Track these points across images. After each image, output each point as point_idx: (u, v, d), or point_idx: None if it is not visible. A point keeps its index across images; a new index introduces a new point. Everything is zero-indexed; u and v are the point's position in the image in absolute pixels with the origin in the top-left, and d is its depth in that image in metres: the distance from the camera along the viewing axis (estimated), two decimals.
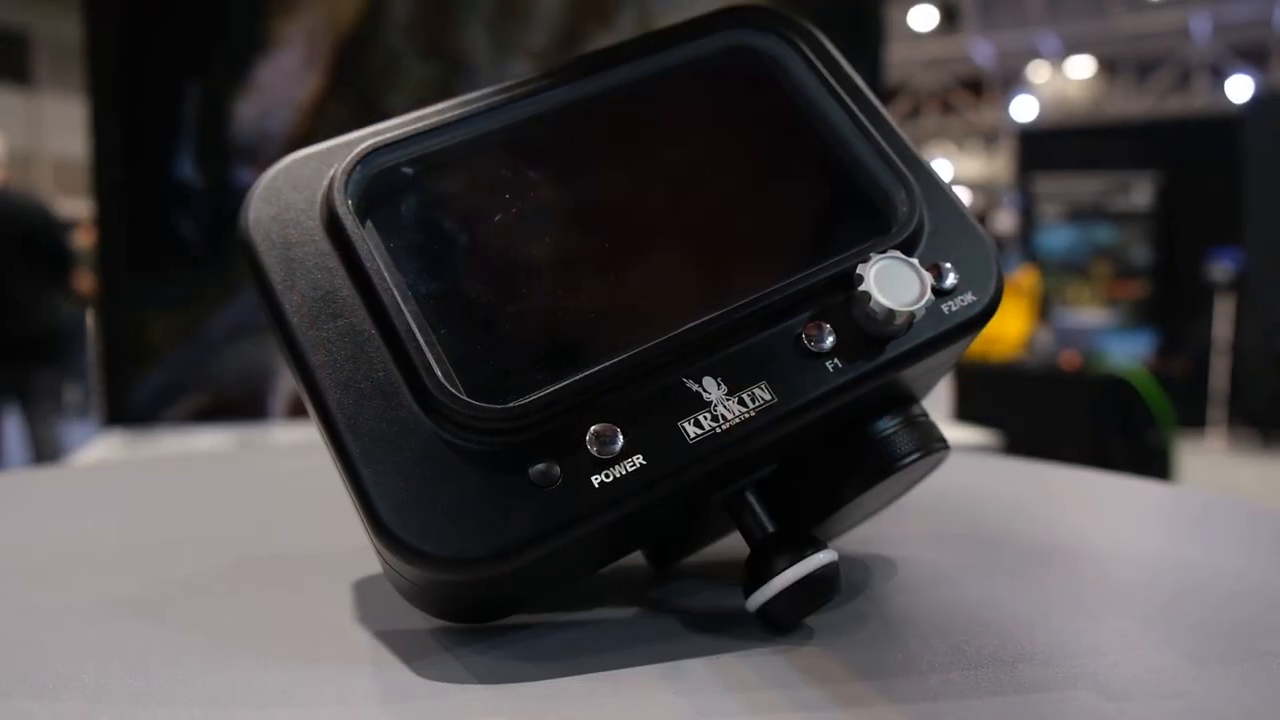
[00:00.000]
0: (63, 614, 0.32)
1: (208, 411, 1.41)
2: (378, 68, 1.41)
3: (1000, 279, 0.33)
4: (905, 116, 10.62)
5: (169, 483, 0.58)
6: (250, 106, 1.37)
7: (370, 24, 1.42)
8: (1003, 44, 9.78)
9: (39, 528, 0.45)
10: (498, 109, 0.33)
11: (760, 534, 0.30)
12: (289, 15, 1.41)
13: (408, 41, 1.42)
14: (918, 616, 0.32)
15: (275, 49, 1.40)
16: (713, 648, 0.29)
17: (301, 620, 0.32)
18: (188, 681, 0.27)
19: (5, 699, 0.26)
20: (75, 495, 0.54)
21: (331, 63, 1.40)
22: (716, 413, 0.29)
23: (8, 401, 2.60)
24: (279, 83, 1.37)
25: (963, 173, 10.59)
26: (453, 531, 0.26)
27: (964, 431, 1.54)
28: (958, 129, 10.73)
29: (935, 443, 0.34)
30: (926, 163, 0.35)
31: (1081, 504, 0.50)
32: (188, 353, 1.39)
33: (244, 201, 0.31)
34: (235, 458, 0.70)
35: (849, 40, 1.65)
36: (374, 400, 0.28)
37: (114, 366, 1.40)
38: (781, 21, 0.36)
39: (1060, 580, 0.36)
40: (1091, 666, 0.27)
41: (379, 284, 0.29)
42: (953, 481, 0.53)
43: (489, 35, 1.45)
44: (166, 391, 1.39)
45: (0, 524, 0.46)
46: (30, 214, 2.59)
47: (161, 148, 1.37)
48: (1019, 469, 0.60)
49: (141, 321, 1.38)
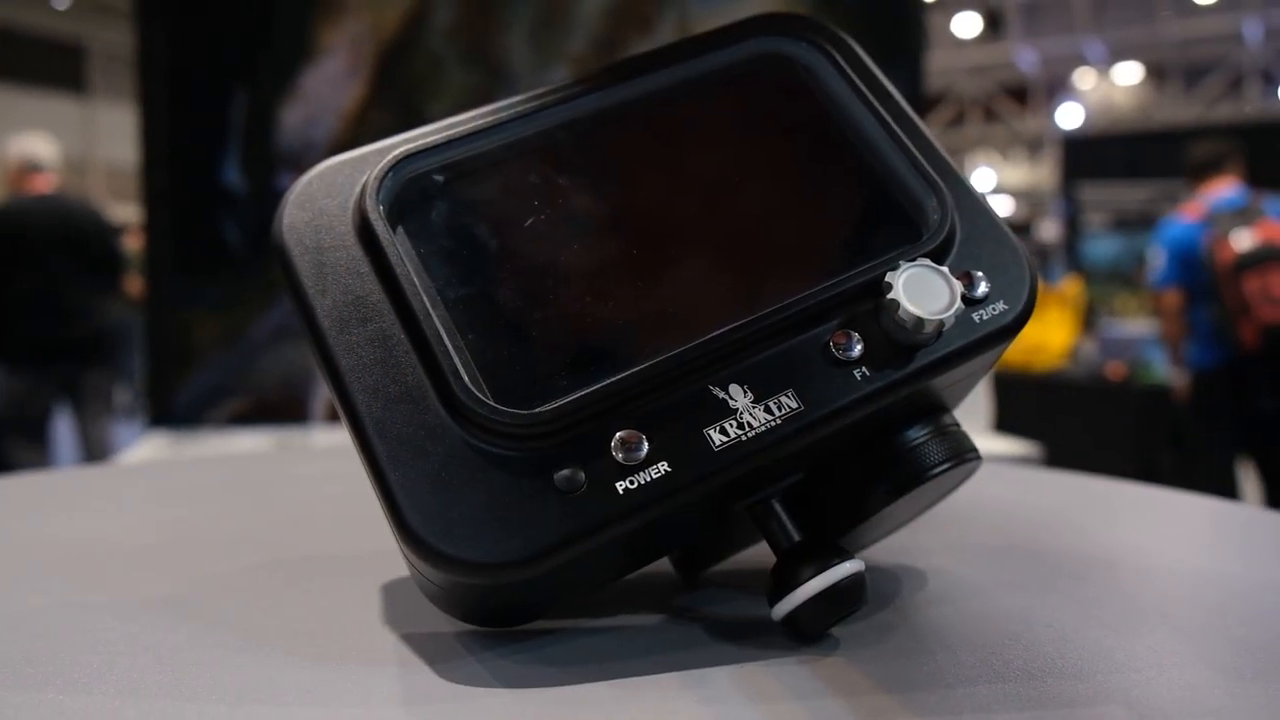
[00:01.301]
0: (98, 610, 0.33)
1: (249, 414, 1.43)
2: (420, 74, 1.43)
3: (1034, 288, 0.33)
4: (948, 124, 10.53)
5: (207, 483, 0.59)
6: (295, 113, 1.39)
7: (413, 31, 1.44)
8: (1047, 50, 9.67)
9: (81, 525, 0.46)
10: (530, 115, 0.33)
11: (786, 543, 0.30)
12: (334, 23, 1.43)
13: (450, 48, 1.44)
14: (946, 628, 0.31)
15: (320, 57, 1.42)
16: (737, 656, 0.29)
17: (329, 621, 0.32)
18: (215, 678, 0.27)
19: (39, 693, 0.26)
20: (117, 494, 0.55)
21: (374, 70, 1.42)
22: (742, 420, 0.29)
23: (60, 402, 2.66)
24: (323, 90, 1.39)
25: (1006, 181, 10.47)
26: (477, 535, 0.26)
27: (1003, 442, 1.52)
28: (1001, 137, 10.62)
29: (966, 452, 0.33)
30: (959, 171, 0.34)
31: (1121, 516, 0.49)
32: (231, 356, 1.41)
33: (279, 207, 0.31)
34: (273, 460, 0.71)
35: (890, 47, 1.64)
36: (402, 404, 0.28)
37: (159, 368, 1.43)
38: (813, 28, 0.36)
39: (1095, 594, 0.35)
40: (1123, 682, 0.27)
41: (408, 289, 0.29)
42: (989, 492, 0.52)
43: (530, 42, 1.46)
44: (210, 393, 1.42)
45: (44, 521, 0.47)
46: (82, 219, 2.65)
47: (208, 154, 1.39)
48: (1057, 480, 0.59)
49: (187, 324, 1.40)
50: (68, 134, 7.95)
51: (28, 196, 2.60)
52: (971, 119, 10.70)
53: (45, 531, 0.44)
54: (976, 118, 10.71)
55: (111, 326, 2.67)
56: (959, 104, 10.69)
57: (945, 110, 10.63)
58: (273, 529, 0.46)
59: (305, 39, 1.41)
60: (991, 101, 10.60)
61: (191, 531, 0.45)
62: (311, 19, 1.42)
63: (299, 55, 1.41)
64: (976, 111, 10.70)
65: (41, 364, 2.56)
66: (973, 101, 10.65)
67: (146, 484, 0.59)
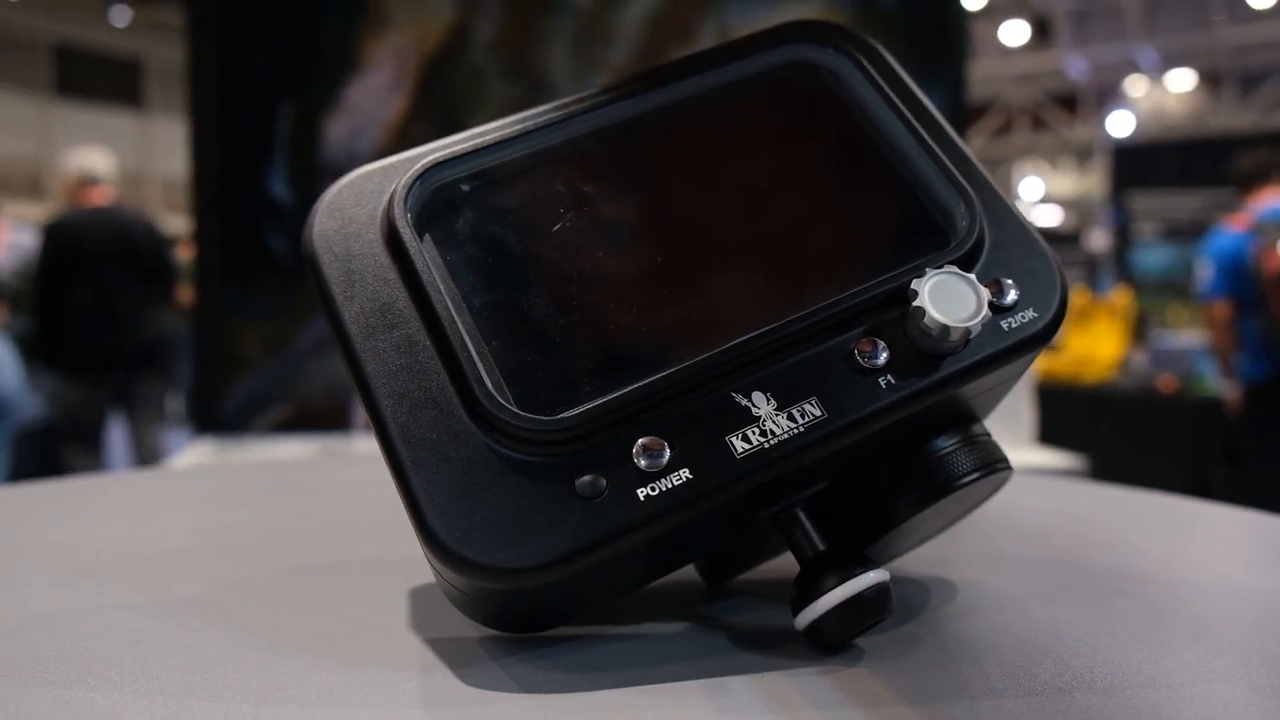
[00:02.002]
0: (132, 610, 0.33)
1: (294, 422, 1.45)
2: (462, 87, 1.45)
3: (1064, 296, 0.32)
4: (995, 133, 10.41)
5: (247, 488, 0.60)
6: (340, 126, 1.41)
7: (455, 44, 1.45)
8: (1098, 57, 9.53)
9: (122, 529, 0.47)
10: (557, 124, 0.33)
11: (810, 552, 0.30)
12: (379, 37, 1.45)
13: (491, 61, 1.45)
14: (974, 640, 0.31)
15: (365, 70, 1.44)
16: (758, 665, 0.29)
17: (355, 624, 0.32)
18: (241, 678, 0.27)
19: (72, 690, 0.27)
20: (159, 499, 0.56)
21: (417, 83, 1.44)
22: (765, 428, 0.29)
23: (114, 409, 2.71)
24: (368, 103, 1.41)
25: (1055, 190, 10.33)
26: (498, 541, 0.27)
27: (1046, 455, 1.50)
28: (1050, 145, 10.48)
29: (996, 462, 0.33)
30: (990, 178, 0.34)
31: (1163, 530, 0.48)
32: (276, 364, 1.44)
33: (310, 215, 0.32)
34: (313, 466, 0.72)
35: (932, 56, 1.63)
36: (426, 410, 0.28)
37: (207, 376, 1.45)
38: (842, 36, 0.36)
39: (1131, 608, 0.34)
40: (1154, 698, 0.26)
41: (434, 296, 0.29)
42: (1026, 504, 0.52)
43: (571, 54, 1.47)
44: (256, 402, 1.44)
45: (88, 524, 0.48)
46: (136, 230, 2.71)
47: (255, 166, 1.42)
48: (1100, 493, 0.58)
49: (233, 333, 1.43)
50: (125, 148, 8.15)
51: (85, 209, 2.66)
52: (1019, 128, 10.57)
53: (88, 534, 0.45)
54: (1024, 126, 10.58)
55: (164, 336, 2.72)
56: (1006, 112, 10.57)
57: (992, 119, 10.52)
58: (308, 534, 0.47)
59: (351, 53, 1.44)
60: (1040, 110, 10.46)
61: (228, 535, 0.46)
62: (357, 33, 1.44)
63: (344, 69, 1.43)
64: (1024, 120, 10.57)
65: (96, 372, 2.62)
66: (1020, 110, 10.53)
67: (187, 489, 0.60)
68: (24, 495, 0.56)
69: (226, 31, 1.43)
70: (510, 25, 1.46)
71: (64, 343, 2.60)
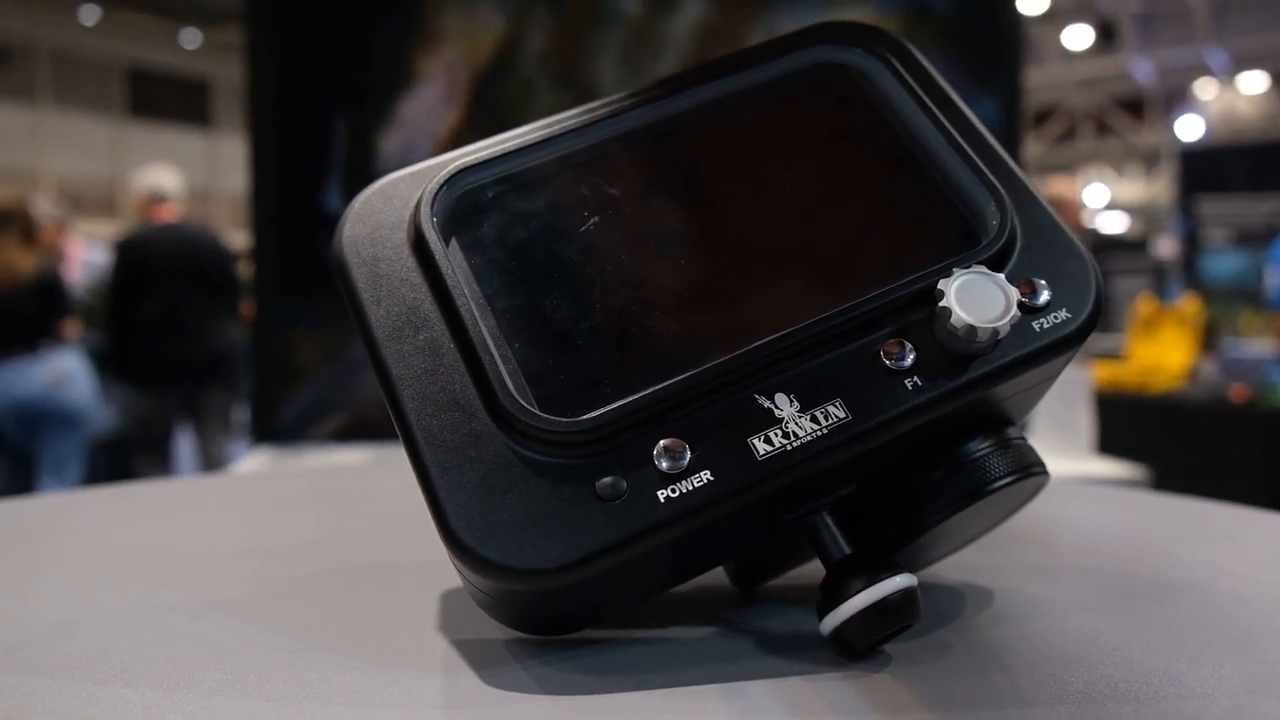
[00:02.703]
0: (170, 610, 0.34)
1: (349, 430, 1.47)
2: (513, 99, 1.46)
3: (1099, 296, 0.31)
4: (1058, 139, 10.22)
5: (296, 494, 0.61)
6: (393, 140, 1.44)
7: (506, 57, 1.47)
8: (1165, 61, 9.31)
9: (172, 532, 0.48)
10: (584, 129, 0.34)
11: (836, 556, 0.30)
12: (432, 52, 1.47)
13: (542, 73, 1.47)
14: (1006, 648, 0.30)
15: (418, 85, 1.47)
16: (782, 670, 0.28)
17: (385, 626, 0.33)
18: (269, 677, 0.28)
19: (108, 686, 0.27)
20: (210, 503, 0.57)
21: (469, 96, 1.46)
22: (788, 430, 0.28)
23: (182, 420, 2.78)
24: (420, 117, 1.44)
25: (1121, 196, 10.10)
26: (518, 542, 0.27)
27: (1104, 465, 1.46)
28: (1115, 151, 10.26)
29: (1031, 466, 0.32)
30: (1023, 177, 0.33)
31: (1215, 539, 0.47)
32: (331, 374, 1.46)
33: (340, 220, 0.33)
34: (362, 473, 0.73)
35: (988, 62, 1.60)
36: (450, 412, 0.29)
37: (265, 386, 1.48)
38: (872, 36, 0.36)
39: (1173, 617, 0.33)
40: (1188, 708, 0.25)
41: (458, 299, 0.30)
42: (1074, 512, 0.51)
43: (621, 64, 1.48)
44: (312, 411, 1.47)
45: (140, 528, 0.49)
46: (203, 245, 2.78)
47: (312, 180, 1.45)
48: (1153, 502, 0.56)
49: (291, 344, 1.46)
50: (194, 166, 8.39)
51: (154, 226, 2.74)
52: (1083, 133, 10.37)
53: (140, 537, 0.47)
54: (1088, 132, 10.38)
55: (230, 348, 2.79)
56: (1069, 118, 10.38)
57: (1055, 125, 10.33)
58: (349, 538, 0.47)
59: (404, 68, 1.46)
60: (1104, 115, 10.25)
61: (271, 539, 0.47)
62: (411, 48, 1.46)
63: (398, 83, 1.46)
64: (1088, 125, 10.36)
65: (165, 385, 2.69)
66: (1084, 115, 10.32)
67: (238, 494, 0.62)
68: (84, 500, 0.58)
69: (283, 50, 1.46)
70: (560, 36, 1.47)
71: (134, 356, 2.67)
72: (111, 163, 9.51)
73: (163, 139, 9.86)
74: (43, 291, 2.64)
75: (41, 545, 0.45)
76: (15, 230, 2.63)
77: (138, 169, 3.01)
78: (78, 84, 9.75)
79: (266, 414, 1.46)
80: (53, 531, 0.48)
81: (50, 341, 2.64)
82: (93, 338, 3.21)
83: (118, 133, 9.98)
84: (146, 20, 9.77)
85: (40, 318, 2.63)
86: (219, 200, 9.33)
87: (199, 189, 8.30)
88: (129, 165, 7.03)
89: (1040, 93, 9.94)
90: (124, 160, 8.99)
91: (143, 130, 10.07)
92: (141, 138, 9.90)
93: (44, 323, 2.64)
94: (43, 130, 9.48)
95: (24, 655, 0.30)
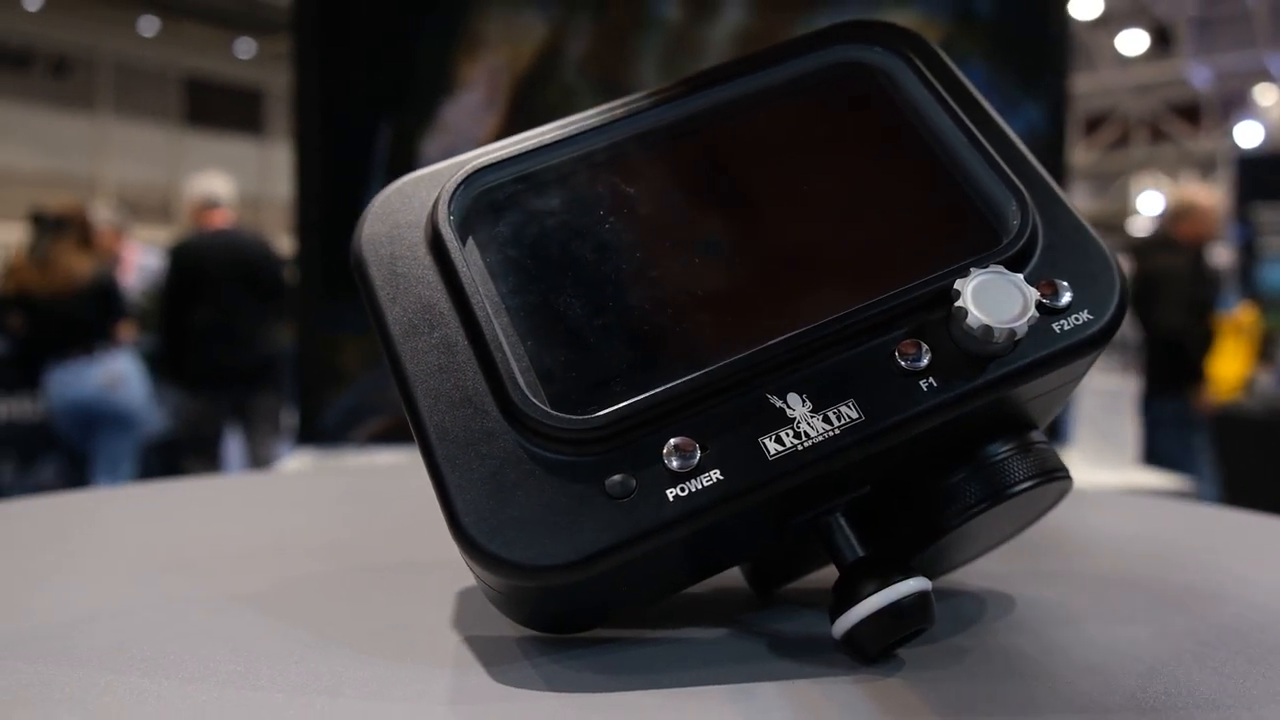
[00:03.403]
0: (191, 604, 0.35)
1: (389, 432, 1.49)
2: (553, 104, 1.47)
3: (1124, 298, 0.31)
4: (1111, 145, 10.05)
5: (329, 493, 0.61)
6: (436, 145, 1.45)
7: (547, 63, 1.48)
8: (1223, 66, 9.12)
9: (201, 529, 0.49)
10: (603, 128, 0.34)
11: (850, 558, 0.29)
12: (474, 58, 1.49)
13: (582, 79, 1.48)
14: (1022, 656, 0.29)
15: (460, 90, 1.48)
16: (791, 673, 0.28)
17: (401, 622, 0.33)
18: (281, 669, 0.28)
19: (125, 675, 0.28)
20: (242, 501, 0.58)
21: (510, 101, 1.47)
22: (799, 430, 0.28)
23: (232, 423, 2.83)
24: (463, 122, 1.45)
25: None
26: (526, 538, 0.27)
27: (1147, 475, 1.43)
28: (1170, 158, 10.05)
29: (1053, 471, 0.31)
30: (1047, 177, 0.33)
31: (1249, 550, 0.46)
32: (373, 377, 1.48)
33: (359, 219, 0.33)
34: (394, 473, 0.73)
35: (1035, 68, 1.58)
36: (461, 409, 0.29)
37: (308, 389, 1.50)
38: (895, 34, 0.35)
39: (1198, 627, 0.32)
40: (1203, 719, 0.25)
41: (472, 297, 0.30)
42: (1106, 521, 0.50)
43: (661, 70, 1.48)
44: (353, 413, 1.49)
45: (170, 524, 0.50)
46: (253, 251, 2.82)
47: (356, 185, 1.47)
48: (1190, 512, 0.55)
49: (334, 347, 1.48)
50: (247, 172, 8.54)
51: (207, 232, 2.79)
52: (1137, 139, 10.19)
53: (172, 533, 0.47)
54: (1142, 138, 10.19)
55: (280, 353, 2.83)
56: (1123, 124, 10.20)
57: (1108, 131, 10.16)
58: (374, 535, 0.48)
59: (446, 74, 1.48)
60: (1159, 120, 10.06)
61: (299, 536, 0.47)
62: (453, 54, 1.48)
63: (440, 89, 1.47)
64: (1142, 131, 10.18)
65: (216, 388, 2.73)
66: (1138, 121, 10.14)
67: (272, 492, 0.62)
68: (119, 496, 0.59)
69: (328, 57, 1.48)
70: (601, 43, 1.48)
71: (186, 359, 2.72)
72: (168, 170, 9.73)
73: (217, 146, 10.07)
74: (99, 296, 2.70)
75: (75, 540, 0.46)
76: (73, 236, 2.70)
77: (192, 176, 3.07)
78: (136, 93, 9.99)
79: (310, 416, 1.48)
80: (87, 526, 0.49)
81: (105, 344, 2.70)
82: (146, 341, 3.28)
83: (174, 140, 10.20)
84: (203, 30, 9.98)
85: (96, 321, 2.69)
86: (271, 206, 9.49)
87: (251, 196, 8.46)
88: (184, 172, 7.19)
89: (1093, 99, 9.79)
90: (180, 167, 9.19)
91: (198, 138, 10.29)
92: (197, 145, 10.11)
93: (99, 326, 2.70)
94: (102, 138, 9.73)
95: (46, 644, 0.30)
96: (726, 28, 1.52)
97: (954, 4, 1.56)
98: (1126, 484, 1.26)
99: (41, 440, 3.06)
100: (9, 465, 3.16)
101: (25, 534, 0.47)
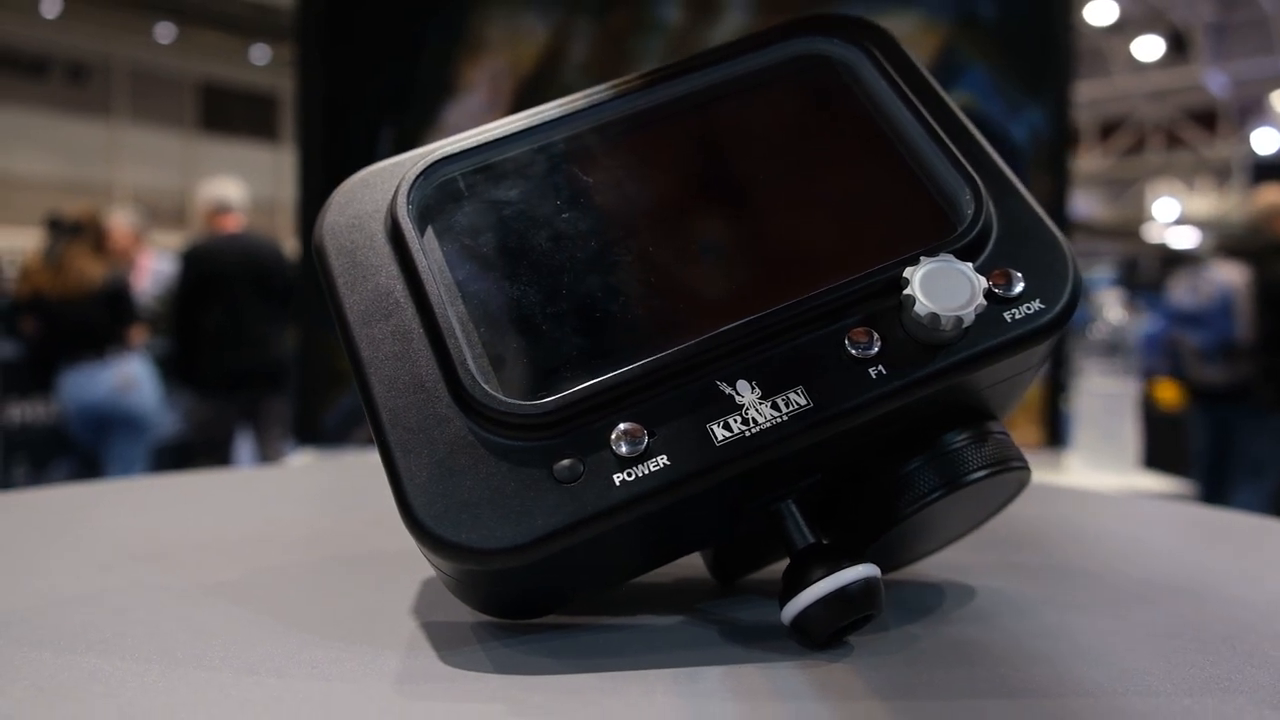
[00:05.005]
0: (159, 591, 0.35)
1: None
2: None
3: (1077, 288, 0.31)
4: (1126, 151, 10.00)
5: (315, 487, 0.62)
6: None
7: (549, 66, 1.49)
8: (1240, 72, 9.07)
9: (182, 521, 0.49)
10: (562, 120, 0.34)
11: (800, 545, 0.29)
12: (476, 61, 1.50)
13: (583, 82, 1.48)
14: (971, 643, 0.29)
15: (462, 93, 1.49)
16: (738, 658, 0.28)
17: (363, 608, 0.33)
18: (237, 652, 0.29)
19: (83, 656, 0.28)
20: (229, 496, 0.59)
21: (512, 104, 1.48)
22: (748, 416, 0.28)
23: (242, 426, 2.85)
24: (465, 125, 1.45)
25: (1192, 211, 9.84)
26: (474, 522, 0.27)
27: (1148, 479, 1.42)
28: (1186, 164, 10.00)
29: (1009, 461, 0.32)
30: (1003, 168, 0.33)
31: (1229, 546, 0.45)
32: None
33: (321, 210, 0.33)
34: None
35: (1037, 72, 1.58)
36: (414, 394, 0.29)
37: (309, 390, 1.51)
38: (857, 28, 0.35)
39: (1156, 618, 0.32)
40: (1144, 705, 0.25)
41: (428, 285, 0.30)
42: (1083, 519, 0.49)
43: None
44: (352, 414, 1.49)
45: (153, 516, 0.50)
46: (264, 254, 2.84)
47: None
48: (1174, 511, 0.55)
49: (334, 347, 1.48)
50: (261, 177, 8.59)
51: (219, 236, 2.81)
52: (1152, 146, 10.14)
53: (149, 524, 0.48)
54: (1158, 145, 10.14)
55: (289, 356, 2.84)
56: (1138, 130, 10.15)
57: (1123, 137, 10.12)
58: (354, 527, 0.48)
59: (448, 77, 1.49)
60: (1174, 127, 10.01)
61: (278, 528, 0.48)
62: (455, 58, 1.49)
63: (443, 92, 1.48)
64: (1158, 138, 10.13)
65: (227, 391, 2.75)
66: (1154, 127, 10.09)
67: (259, 486, 0.63)
68: (106, 491, 0.60)
69: (331, 61, 1.49)
70: (602, 46, 1.48)
71: (198, 363, 2.74)
72: (183, 175, 9.80)
73: (232, 152, 10.13)
74: (111, 299, 2.72)
75: (57, 532, 0.46)
76: (87, 240, 2.72)
77: (207, 181, 3.10)
78: (152, 99, 10.07)
79: (310, 417, 1.49)
80: (71, 519, 0.49)
81: (118, 348, 2.72)
82: (158, 344, 3.31)
83: (189, 146, 10.27)
84: (219, 37, 10.06)
85: (108, 324, 2.71)
86: (285, 211, 9.53)
87: (266, 200, 8.51)
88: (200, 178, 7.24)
89: (1108, 104, 9.75)
90: (195, 173, 9.25)
91: (213, 143, 10.36)
92: (212, 151, 10.18)
93: (112, 329, 2.72)
94: (118, 144, 9.80)
95: (12, 629, 0.31)
96: (728, 31, 1.52)
97: (957, 7, 1.56)
98: (1128, 486, 1.25)
99: (55, 443, 3.09)
100: (22, 468, 3.19)
101: (4, 526, 0.47)
